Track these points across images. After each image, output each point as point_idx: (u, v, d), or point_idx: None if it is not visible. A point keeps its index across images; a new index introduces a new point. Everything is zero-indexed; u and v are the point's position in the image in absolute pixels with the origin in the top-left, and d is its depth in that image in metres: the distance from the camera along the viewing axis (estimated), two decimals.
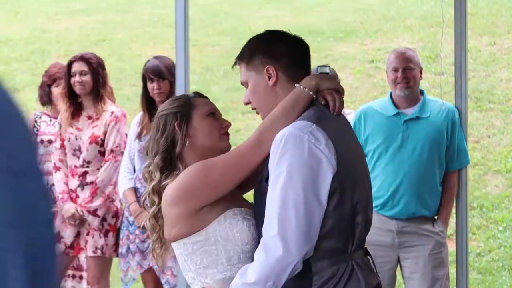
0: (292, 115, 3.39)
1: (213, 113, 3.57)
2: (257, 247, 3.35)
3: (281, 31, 3.62)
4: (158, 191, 3.47)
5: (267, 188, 3.33)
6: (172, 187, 3.38)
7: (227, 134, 3.60)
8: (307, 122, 3.33)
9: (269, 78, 3.46)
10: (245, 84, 3.54)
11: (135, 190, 6.59)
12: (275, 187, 3.24)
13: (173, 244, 3.47)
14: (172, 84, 6.53)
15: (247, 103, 3.58)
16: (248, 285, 3.23)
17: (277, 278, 3.23)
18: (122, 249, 6.71)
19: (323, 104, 3.46)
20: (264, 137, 3.38)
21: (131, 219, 6.59)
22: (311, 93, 3.44)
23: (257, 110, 3.55)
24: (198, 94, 3.65)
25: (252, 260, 3.39)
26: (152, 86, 6.61)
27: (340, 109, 3.48)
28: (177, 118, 3.50)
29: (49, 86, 7.29)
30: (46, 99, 7.33)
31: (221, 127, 3.57)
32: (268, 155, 3.33)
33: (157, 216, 3.49)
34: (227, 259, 3.40)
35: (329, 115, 3.46)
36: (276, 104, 3.45)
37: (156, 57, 6.80)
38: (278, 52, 3.50)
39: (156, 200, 3.47)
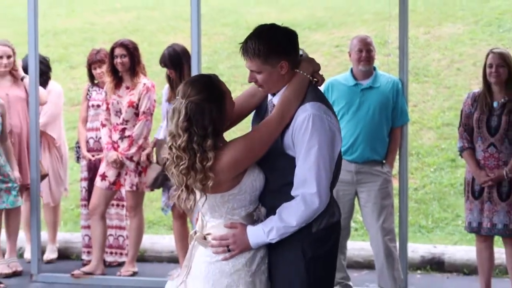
0: (301, 96, 3.40)
1: (231, 97, 3.44)
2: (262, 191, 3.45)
3: (277, 26, 3.48)
4: (213, 168, 3.29)
5: (283, 149, 3.39)
6: (224, 159, 3.28)
7: None
8: (317, 102, 3.38)
9: (281, 68, 3.39)
10: (255, 71, 3.41)
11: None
12: (310, 156, 3.32)
13: (209, 195, 3.38)
14: (177, 70, 6.60)
15: (251, 81, 3.49)
16: (289, 227, 3.33)
17: (308, 220, 3.36)
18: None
19: (313, 82, 3.49)
20: (284, 114, 3.36)
21: None
22: (309, 77, 3.46)
23: (264, 88, 3.47)
24: (216, 77, 3.43)
25: (256, 202, 3.45)
26: (167, 72, 6.74)
27: (322, 84, 3.56)
28: (220, 109, 3.31)
29: (90, 70, 7.29)
30: (90, 78, 7.34)
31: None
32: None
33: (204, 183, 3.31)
34: (249, 201, 3.41)
35: (319, 89, 3.52)
36: (281, 85, 3.43)
37: (167, 48, 6.78)
38: (288, 50, 3.42)
39: (211, 174, 3.26)
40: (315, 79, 3.49)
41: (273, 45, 3.37)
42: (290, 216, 3.32)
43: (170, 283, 3.57)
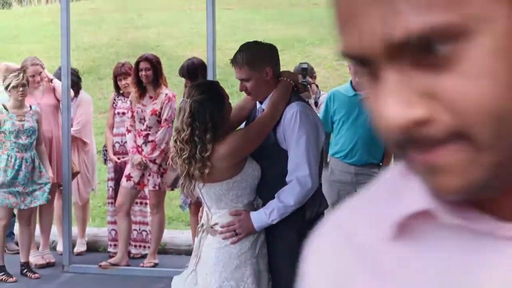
0: (287, 97, 3.57)
1: (229, 101, 3.59)
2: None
3: (260, 41, 3.71)
4: (211, 158, 3.41)
5: (277, 144, 3.54)
6: (226, 147, 3.41)
7: None
8: (302, 102, 3.61)
9: (266, 74, 3.57)
10: (245, 79, 3.59)
11: None
12: (300, 145, 3.48)
13: (213, 184, 3.47)
14: (193, 80, 6.58)
15: (241, 90, 3.67)
16: (289, 207, 3.47)
17: (304, 200, 3.51)
18: None
19: (295, 90, 3.71)
20: (275, 113, 3.52)
21: None
22: (292, 83, 3.63)
23: (252, 95, 3.64)
24: (217, 83, 3.63)
25: (255, 191, 3.58)
26: (185, 82, 6.70)
27: (302, 92, 3.86)
28: (219, 108, 3.46)
29: (115, 81, 7.30)
30: (115, 88, 7.35)
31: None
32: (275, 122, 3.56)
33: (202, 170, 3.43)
34: (250, 190, 3.53)
35: (299, 95, 3.76)
36: (267, 91, 3.59)
37: (187, 60, 6.77)
38: (272, 58, 3.65)
39: (209, 163, 3.39)
40: (296, 87, 3.70)
41: (258, 55, 3.59)
42: (288, 197, 3.46)
43: (177, 277, 3.61)
